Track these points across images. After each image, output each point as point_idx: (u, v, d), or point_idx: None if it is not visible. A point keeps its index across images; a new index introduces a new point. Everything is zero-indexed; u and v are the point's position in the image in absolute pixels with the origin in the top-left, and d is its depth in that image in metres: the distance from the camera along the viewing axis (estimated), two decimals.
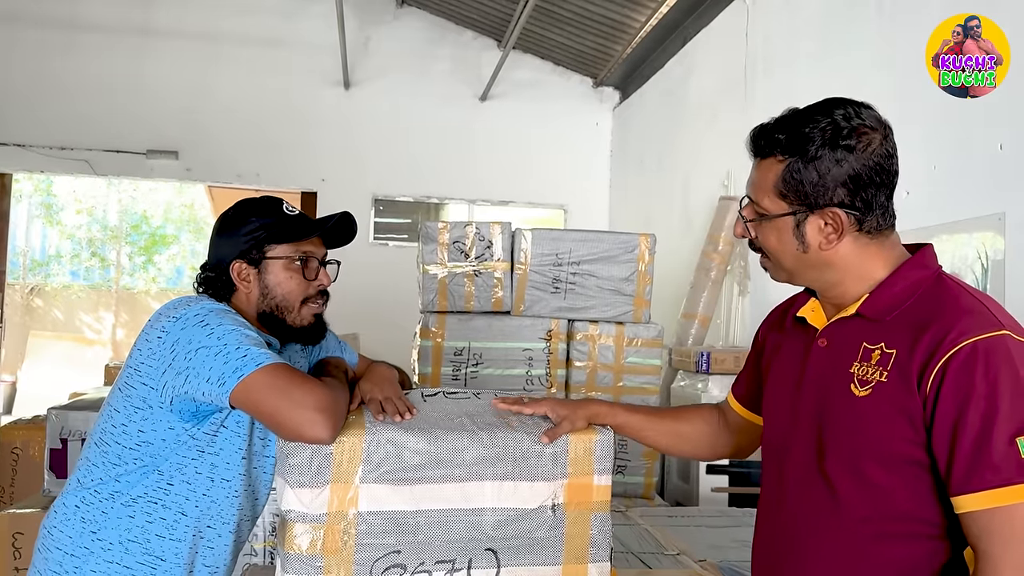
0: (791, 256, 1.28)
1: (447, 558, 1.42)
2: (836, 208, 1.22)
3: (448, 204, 8.93)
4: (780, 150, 1.24)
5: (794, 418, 1.32)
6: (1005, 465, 1.08)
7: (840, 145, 1.20)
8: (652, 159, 7.65)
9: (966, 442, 1.10)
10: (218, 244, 1.62)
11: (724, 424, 1.62)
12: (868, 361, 1.21)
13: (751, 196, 1.31)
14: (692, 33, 6.68)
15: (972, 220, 3.33)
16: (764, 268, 1.38)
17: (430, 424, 1.46)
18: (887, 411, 1.17)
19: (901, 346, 1.18)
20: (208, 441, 1.51)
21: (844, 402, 1.23)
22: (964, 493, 1.11)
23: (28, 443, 3.51)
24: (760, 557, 1.42)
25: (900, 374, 1.17)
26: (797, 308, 1.39)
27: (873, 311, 1.24)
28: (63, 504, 1.53)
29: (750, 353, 1.59)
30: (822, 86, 4.55)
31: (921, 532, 1.18)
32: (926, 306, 1.20)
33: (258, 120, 8.26)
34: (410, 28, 8.61)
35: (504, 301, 3.64)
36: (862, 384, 1.21)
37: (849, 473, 1.22)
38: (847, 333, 1.27)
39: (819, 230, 1.24)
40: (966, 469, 1.10)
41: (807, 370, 1.31)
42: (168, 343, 1.45)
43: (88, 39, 8.05)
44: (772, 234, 1.29)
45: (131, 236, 16.61)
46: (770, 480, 1.40)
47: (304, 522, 1.37)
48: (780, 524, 1.35)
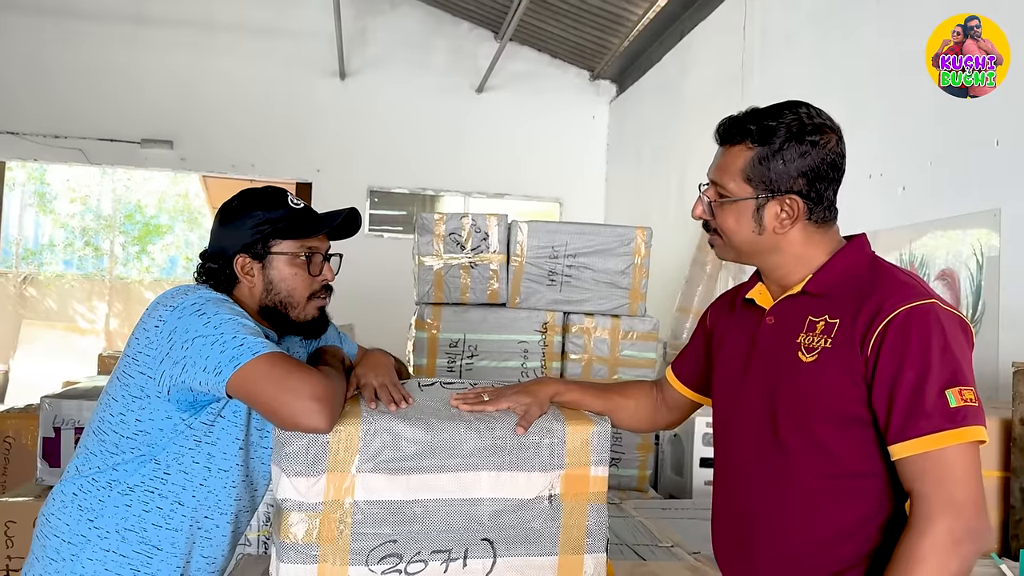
0: (746, 238, 1.40)
1: (443, 548, 1.43)
2: (795, 195, 1.35)
3: (444, 196, 8.92)
4: (750, 139, 1.37)
5: (744, 392, 1.43)
6: (936, 414, 1.21)
7: (805, 139, 1.34)
8: (648, 152, 7.65)
9: (902, 395, 1.22)
10: (220, 235, 1.61)
11: (662, 400, 1.74)
12: (813, 332, 1.34)
13: (715, 180, 1.43)
14: (689, 27, 6.67)
15: (968, 216, 3.33)
16: (712, 246, 1.50)
17: (427, 414, 1.46)
18: (832, 373, 1.29)
19: (844, 315, 1.31)
20: (205, 431, 1.51)
21: (792, 369, 1.34)
22: (901, 441, 1.23)
23: (21, 432, 3.50)
24: (720, 532, 1.51)
25: (844, 339, 1.29)
26: (745, 291, 1.51)
27: (817, 288, 1.37)
28: (61, 492, 1.53)
29: (695, 334, 1.70)
30: (819, 80, 4.55)
31: (867, 486, 1.29)
32: (865, 281, 1.33)
33: (253, 110, 8.23)
34: (407, 19, 8.59)
35: (500, 293, 3.64)
36: (808, 351, 1.33)
37: (800, 436, 1.32)
38: (793, 309, 1.39)
39: (775, 215, 1.37)
40: (903, 419, 1.22)
41: (756, 346, 1.43)
42: (165, 332, 1.45)
43: (82, 27, 8.01)
44: (731, 216, 1.40)
45: (125, 225, 16.56)
46: (723, 456, 1.51)
47: (300, 511, 1.37)
48: (735, 489, 1.45)
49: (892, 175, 3.86)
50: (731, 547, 1.47)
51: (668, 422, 1.76)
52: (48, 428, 2.92)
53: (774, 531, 1.36)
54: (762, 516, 1.38)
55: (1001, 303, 3.13)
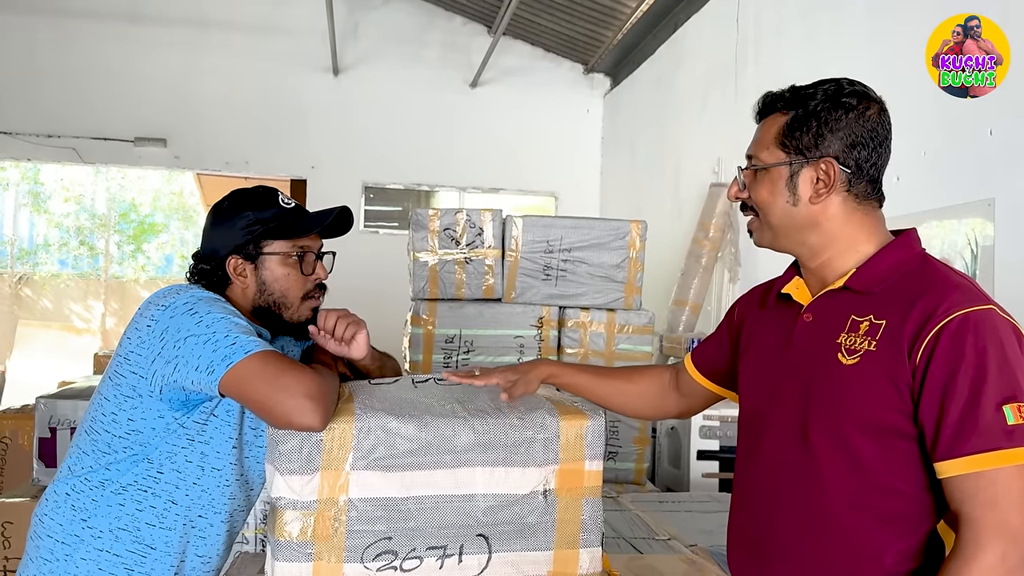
0: (780, 210, 1.32)
1: (438, 544, 1.43)
2: (830, 159, 1.27)
3: (438, 191, 8.91)
4: (783, 104, 1.32)
5: (777, 391, 1.33)
6: (991, 431, 1.11)
7: (841, 103, 1.28)
8: (643, 146, 7.64)
9: (955, 408, 1.13)
10: (212, 235, 1.60)
11: (674, 387, 1.66)
12: (856, 332, 1.23)
13: (751, 153, 1.37)
14: (683, 19, 6.66)
15: (962, 206, 3.34)
16: (750, 232, 1.41)
17: (421, 410, 1.46)
18: (874, 378, 1.19)
19: (892, 317, 1.20)
20: (198, 430, 1.51)
21: (830, 371, 1.25)
22: (950, 458, 1.13)
23: (17, 432, 3.49)
24: (736, 524, 1.43)
25: (891, 343, 1.19)
26: (781, 286, 1.41)
27: (861, 284, 1.26)
28: (54, 492, 1.52)
29: (721, 325, 1.61)
30: (812, 72, 4.54)
31: (898, 505, 1.20)
32: (915, 281, 1.23)
33: (247, 107, 8.21)
34: (399, 14, 8.56)
35: (495, 288, 3.64)
36: (849, 353, 1.23)
37: (831, 442, 1.23)
38: (834, 306, 1.29)
39: (811, 183, 1.29)
40: (953, 434, 1.13)
41: (792, 344, 1.33)
42: (157, 331, 1.44)
43: (75, 26, 7.98)
44: (765, 187, 1.33)
45: (120, 224, 16.51)
46: (746, 448, 1.41)
47: (294, 509, 1.37)
48: (756, 493, 1.36)
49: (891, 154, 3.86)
50: (746, 559, 1.38)
51: (679, 410, 1.68)
52: (44, 428, 2.92)
53: (796, 545, 1.28)
54: (782, 527, 1.30)
55: (996, 292, 3.13)
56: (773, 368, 1.36)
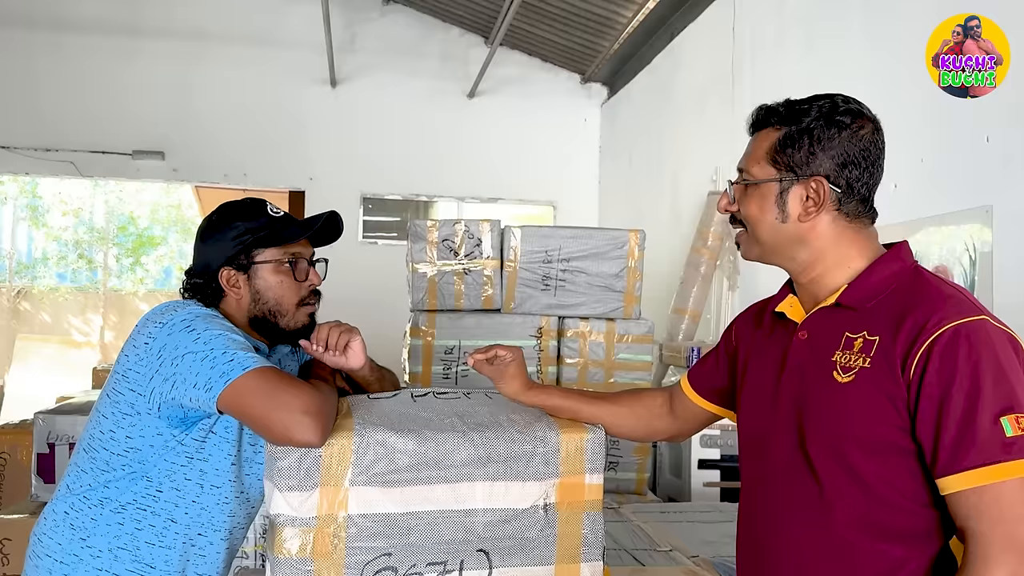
0: (769, 226, 1.31)
1: (439, 560, 1.42)
2: (820, 177, 1.26)
3: (437, 202, 8.92)
4: (777, 119, 1.30)
5: (775, 410, 1.33)
6: (989, 444, 1.09)
7: (835, 121, 1.26)
8: (641, 155, 7.65)
9: (951, 423, 1.11)
10: (203, 250, 1.61)
11: (668, 409, 1.63)
12: (850, 349, 1.22)
13: (742, 167, 1.35)
14: (679, 28, 6.68)
15: (960, 212, 3.34)
16: (737, 244, 1.40)
17: (420, 425, 1.45)
18: (871, 396, 1.18)
19: (884, 332, 1.19)
20: (197, 447, 1.50)
21: (826, 389, 1.24)
22: (951, 473, 1.12)
23: (15, 448, 3.47)
24: (744, 550, 1.42)
25: (884, 359, 1.18)
26: (775, 305, 1.40)
27: (853, 300, 1.26)
28: (52, 510, 1.51)
29: (719, 345, 1.59)
30: (809, 80, 4.55)
31: (904, 521, 1.18)
32: (906, 295, 1.22)
33: (245, 119, 8.22)
34: (397, 25, 8.58)
35: (494, 299, 3.63)
36: (845, 371, 1.22)
37: (831, 461, 1.22)
38: (828, 324, 1.28)
39: (800, 200, 1.28)
40: (952, 449, 1.11)
41: (788, 362, 1.32)
42: (155, 349, 1.44)
43: (73, 39, 7.99)
44: (755, 202, 1.32)
45: (118, 237, 16.52)
46: (750, 473, 1.40)
47: (293, 526, 1.36)
48: (762, 516, 1.35)
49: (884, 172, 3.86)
50: (753, 563, 1.37)
51: (673, 432, 1.66)
52: (42, 444, 2.90)
53: (806, 566, 1.26)
54: (791, 549, 1.28)
55: (995, 298, 3.13)
56: (770, 389, 1.35)
